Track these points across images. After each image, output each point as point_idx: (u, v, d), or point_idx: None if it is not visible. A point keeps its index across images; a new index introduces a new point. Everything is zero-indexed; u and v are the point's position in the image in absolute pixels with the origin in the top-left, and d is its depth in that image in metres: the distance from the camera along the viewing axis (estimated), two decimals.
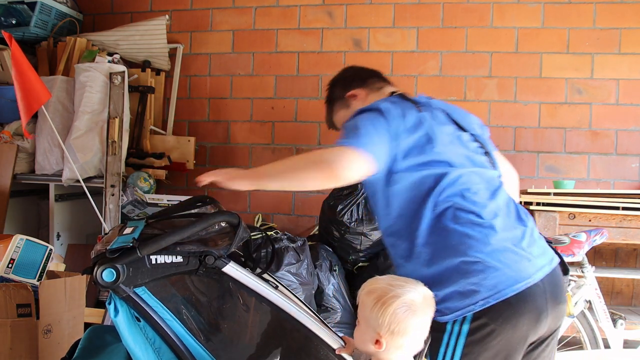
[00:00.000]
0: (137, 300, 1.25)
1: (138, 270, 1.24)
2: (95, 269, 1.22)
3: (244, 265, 1.37)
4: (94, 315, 2.48)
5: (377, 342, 1.12)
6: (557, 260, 1.29)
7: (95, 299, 2.70)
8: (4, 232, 2.88)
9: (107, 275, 1.22)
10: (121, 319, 1.25)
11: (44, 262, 2.08)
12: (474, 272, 1.19)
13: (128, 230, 1.31)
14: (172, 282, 1.32)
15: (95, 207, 2.71)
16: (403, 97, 1.41)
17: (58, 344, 1.93)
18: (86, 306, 2.19)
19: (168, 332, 1.26)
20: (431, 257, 1.24)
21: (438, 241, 1.23)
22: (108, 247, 1.23)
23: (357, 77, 1.58)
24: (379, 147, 1.24)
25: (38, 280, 2.03)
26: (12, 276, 1.96)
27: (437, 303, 1.17)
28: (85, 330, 1.68)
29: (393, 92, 1.49)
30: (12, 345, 1.84)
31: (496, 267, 1.18)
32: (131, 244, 1.22)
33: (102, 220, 2.76)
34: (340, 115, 1.59)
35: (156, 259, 1.26)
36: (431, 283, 1.19)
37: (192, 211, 1.44)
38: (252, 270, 1.38)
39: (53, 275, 2.14)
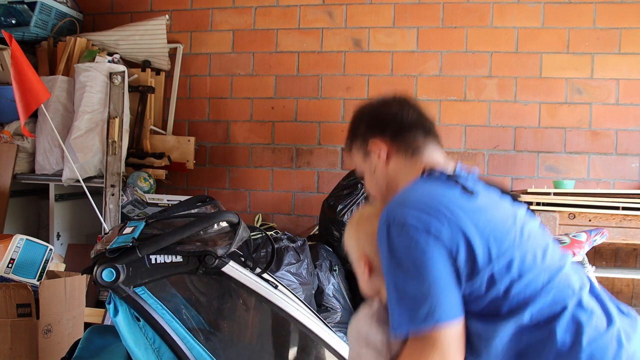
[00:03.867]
0: (137, 300, 1.25)
1: (138, 270, 1.24)
2: (95, 268, 1.23)
3: (244, 265, 1.37)
4: (94, 315, 2.48)
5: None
6: None
7: (95, 299, 2.70)
8: (4, 232, 2.88)
9: (106, 275, 1.22)
10: (121, 319, 1.25)
11: (44, 262, 2.08)
12: None
13: (128, 230, 1.31)
14: (172, 282, 1.32)
15: (95, 207, 2.71)
16: (441, 180, 1.02)
17: (58, 344, 1.93)
18: (86, 306, 2.19)
19: (168, 332, 1.26)
20: None
21: None
22: (108, 247, 1.24)
23: (393, 124, 1.12)
24: (457, 302, 0.91)
25: (38, 280, 2.03)
26: (12, 276, 1.96)
27: None
28: (85, 330, 1.68)
29: (426, 169, 1.07)
30: (12, 345, 1.84)
31: None
32: (131, 244, 1.22)
33: (102, 220, 2.76)
34: (356, 158, 1.20)
35: (156, 259, 1.26)
36: None
37: (192, 211, 1.44)
38: (252, 270, 1.38)
39: (53, 275, 2.14)
